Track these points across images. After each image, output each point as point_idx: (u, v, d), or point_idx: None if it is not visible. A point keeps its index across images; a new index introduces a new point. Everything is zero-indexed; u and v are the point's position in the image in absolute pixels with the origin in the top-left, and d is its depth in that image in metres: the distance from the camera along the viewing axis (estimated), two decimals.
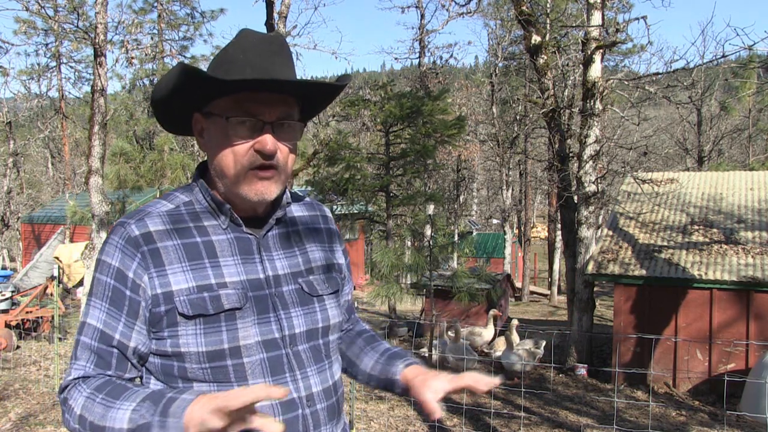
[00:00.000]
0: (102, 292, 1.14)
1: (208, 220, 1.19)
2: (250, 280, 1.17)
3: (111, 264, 1.14)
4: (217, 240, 1.17)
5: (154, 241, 1.13)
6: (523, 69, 22.38)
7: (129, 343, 1.13)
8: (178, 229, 1.16)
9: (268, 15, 9.70)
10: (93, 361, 1.12)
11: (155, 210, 1.18)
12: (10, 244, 22.92)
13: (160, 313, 1.12)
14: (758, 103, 26.26)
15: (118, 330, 1.12)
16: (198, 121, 1.19)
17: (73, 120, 24.03)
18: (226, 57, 1.13)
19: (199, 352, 1.11)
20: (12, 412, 6.54)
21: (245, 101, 1.11)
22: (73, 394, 1.10)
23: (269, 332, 1.16)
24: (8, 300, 9.95)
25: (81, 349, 1.13)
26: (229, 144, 1.12)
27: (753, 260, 8.37)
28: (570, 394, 8.09)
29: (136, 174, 10.50)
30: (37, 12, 9.25)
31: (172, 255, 1.13)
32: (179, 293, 1.12)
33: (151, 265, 1.12)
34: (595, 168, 9.67)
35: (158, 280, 1.12)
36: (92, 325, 1.13)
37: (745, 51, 9.13)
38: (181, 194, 1.23)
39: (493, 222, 34.74)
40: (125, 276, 1.12)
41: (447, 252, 9.59)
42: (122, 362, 1.13)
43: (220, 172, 1.16)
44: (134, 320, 1.13)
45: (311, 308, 1.23)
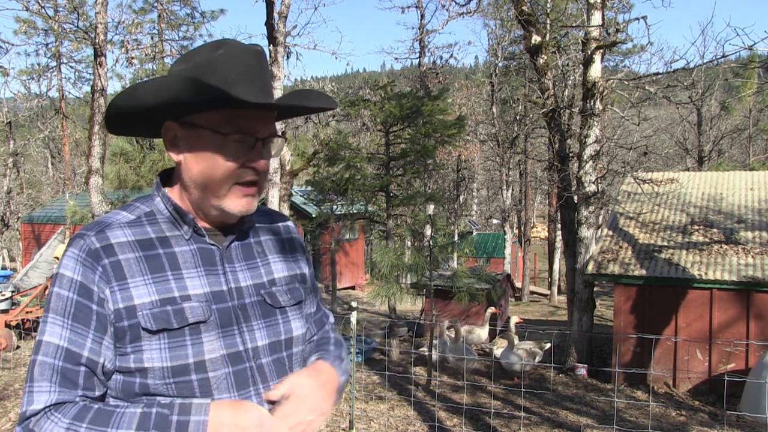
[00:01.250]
0: (63, 308, 1.06)
1: (171, 230, 1.16)
2: (214, 292, 1.14)
3: (72, 278, 1.07)
4: (179, 251, 1.14)
5: (115, 253, 1.09)
6: (523, 69, 22.38)
7: (99, 360, 1.06)
8: (139, 241, 1.12)
9: (268, 15, 9.70)
10: (57, 382, 1.03)
11: (115, 221, 1.14)
12: (10, 244, 22.92)
13: (124, 328, 1.07)
14: (758, 103, 26.28)
15: (86, 347, 1.05)
16: (172, 129, 1.14)
17: (73, 120, 24.04)
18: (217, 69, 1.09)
19: (163, 367, 1.07)
20: (12, 412, 6.54)
21: (239, 117, 1.09)
22: (45, 427, 1.00)
23: (233, 345, 1.13)
24: (8, 300, 9.95)
25: (40, 369, 1.04)
26: (222, 159, 1.10)
27: (753, 260, 8.37)
28: (570, 394, 8.09)
29: (136, 174, 10.50)
30: (38, 12, 9.25)
31: (134, 268, 1.09)
32: (142, 307, 1.08)
33: (112, 278, 1.07)
34: (595, 168, 9.67)
35: (120, 294, 1.07)
36: (53, 344, 1.05)
37: (745, 51, 9.14)
38: (142, 204, 1.19)
39: (493, 222, 34.74)
40: (89, 289, 1.07)
41: (447, 252, 9.58)
42: (90, 380, 1.06)
43: (202, 184, 1.13)
44: (102, 335, 1.07)
45: (274, 320, 1.20)
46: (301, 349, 1.28)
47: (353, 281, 21.20)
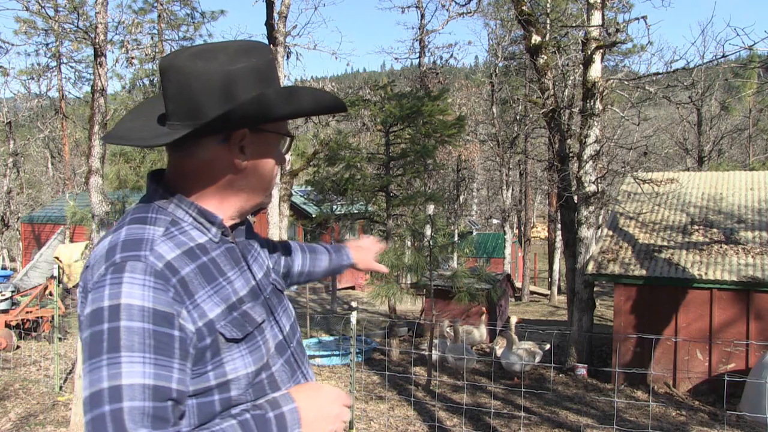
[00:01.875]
0: (140, 342, 0.92)
1: (200, 236, 1.10)
2: (251, 288, 1.15)
3: (142, 305, 0.94)
4: (216, 255, 1.11)
5: (177, 270, 1.01)
6: (523, 69, 22.39)
7: (185, 390, 0.97)
8: (185, 253, 1.05)
9: (268, 15, 9.71)
10: (150, 425, 0.90)
11: (151, 236, 1.04)
12: (10, 244, 22.91)
13: (206, 346, 1.01)
14: (758, 103, 26.29)
15: (174, 378, 0.94)
16: (242, 137, 1.10)
17: (73, 120, 24.04)
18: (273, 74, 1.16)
19: (248, 373, 1.06)
20: (12, 412, 6.54)
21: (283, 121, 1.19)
22: None
23: (276, 336, 1.17)
24: (8, 300, 9.95)
25: (130, 417, 0.88)
26: (279, 158, 1.19)
27: (753, 260, 8.37)
28: (570, 394, 8.09)
29: (135, 174, 10.50)
30: (38, 12, 9.25)
31: (195, 281, 1.03)
32: (217, 319, 1.03)
33: (185, 297, 0.99)
34: (595, 168, 9.67)
35: (196, 311, 1.00)
36: (137, 384, 0.90)
37: (745, 51, 9.13)
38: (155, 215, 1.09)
39: (493, 222, 34.74)
40: (167, 315, 0.96)
41: (447, 252, 9.58)
42: (179, 414, 0.96)
43: (260, 185, 1.17)
44: (185, 362, 0.97)
45: (285, 304, 1.26)
46: None
47: (353, 281, 21.21)
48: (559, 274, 20.56)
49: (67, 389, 7.26)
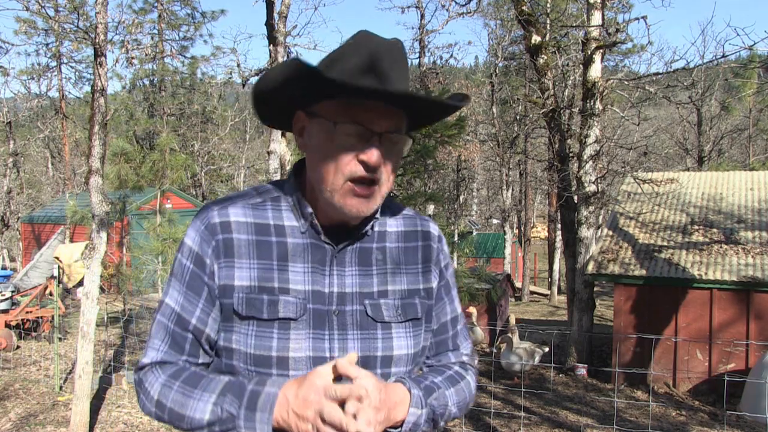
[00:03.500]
0: (181, 275, 1.13)
1: (290, 220, 1.14)
2: (314, 291, 1.11)
3: (191, 248, 1.12)
4: (292, 243, 1.12)
5: (230, 231, 1.11)
6: (523, 69, 22.39)
7: (204, 329, 1.12)
8: (257, 225, 1.13)
9: (268, 15, 9.70)
10: (167, 343, 1.12)
11: (241, 200, 1.15)
12: (10, 244, 22.91)
13: (224, 306, 1.11)
14: (758, 103, 26.28)
15: (195, 315, 1.11)
16: (300, 119, 1.13)
17: (73, 120, 24.02)
18: (341, 57, 1.06)
19: (247, 352, 1.09)
20: (12, 412, 6.54)
21: (355, 108, 1.04)
22: (149, 378, 1.11)
23: (320, 349, 1.09)
24: (8, 300, 9.95)
25: (157, 328, 1.14)
26: (334, 150, 1.06)
27: (753, 260, 8.37)
28: (570, 394, 8.09)
29: (136, 174, 10.48)
30: (38, 12, 9.25)
31: (243, 249, 1.10)
32: (239, 290, 1.09)
33: (221, 254, 1.10)
34: (595, 168, 9.67)
35: (225, 271, 1.10)
36: (170, 306, 1.13)
37: (745, 51, 9.15)
38: (273, 189, 1.19)
39: (493, 222, 34.73)
40: (203, 262, 1.11)
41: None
42: (195, 348, 1.13)
43: (318, 177, 1.09)
44: (211, 306, 1.12)
45: (371, 334, 1.12)
46: (409, 369, 1.18)
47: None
48: (559, 274, 20.56)
49: (67, 389, 7.26)
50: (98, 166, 5.62)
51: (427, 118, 1.20)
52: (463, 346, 1.31)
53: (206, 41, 51.65)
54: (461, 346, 1.30)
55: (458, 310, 1.31)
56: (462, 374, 1.25)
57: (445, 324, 1.27)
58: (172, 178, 11.24)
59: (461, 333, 1.31)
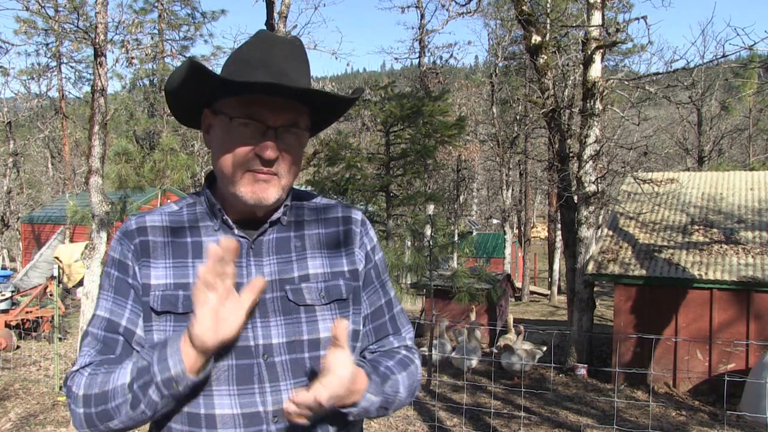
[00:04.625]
0: (108, 284, 1.16)
1: (204, 221, 1.18)
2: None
3: (113, 257, 1.17)
4: (206, 241, 1.15)
5: (146, 234, 1.16)
6: (523, 69, 22.39)
7: (136, 330, 1.13)
8: (172, 228, 1.17)
9: (268, 15, 9.70)
10: (97, 349, 1.12)
11: (159, 209, 1.21)
12: (10, 244, 22.92)
13: (146, 303, 1.13)
14: (758, 103, 26.28)
15: (125, 317, 1.13)
16: (207, 117, 1.18)
17: (73, 120, 24.02)
18: (240, 56, 1.13)
19: None
20: (12, 412, 6.54)
21: (251, 104, 1.08)
22: (76, 380, 1.10)
23: (243, 339, 1.09)
24: (8, 300, 9.95)
25: (88, 339, 1.14)
26: (231, 144, 1.10)
27: (753, 260, 8.37)
28: (570, 394, 8.09)
29: (137, 174, 10.48)
30: (38, 12, 9.26)
31: (159, 250, 1.15)
32: (156, 288, 1.12)
33: (140, 255, 1.14)
34: (595, 168, 9.67)
35: (143, 271, 1.14)
36: (99, 316, 1.15)
37: (745, 51, 9.14)
38: (190, 197, 1.24)
39: (493, 222, 34.73)
40: (126, 265, 1.15)
41: (447, 252, 9.58)
42: (127, 350, 1.12)
43: (219, 172, 1.14)
44: (138, 306, 1.13)
45: (295, 318, 1.13)
46: None
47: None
48: (559, 274, 20.56)
49: None
50: (98, 166, 5.62)
51: (331, 113, 1.23)
52: (404, 329, 1.30)
53: (206, 41, 51.70)
54: (402, 329, 1.30)
55: (391, 294, 1.30)
56: (411, 358, 1.25)
57: (380, 308, 1.27)
58: (173, 178, 11.24)
59: (399, 316, 1.30)
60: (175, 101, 1.20)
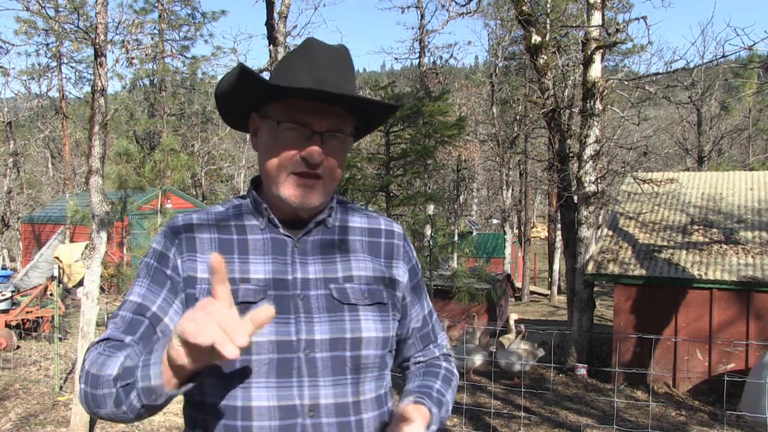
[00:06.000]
0: (146, 272, 1.19)
1: (250, 220, 1.22)
2: (276, 279, 1.15)
3: (155, 248, 1.20)
4: (252, 239, 1.19)
5: (192, 230, 1.20)
6: (523, 69, 22.39)
7: (163, 318, 1.14)
8: (219, 226, 1.21)
9: (268, 15, 9.70)
10: (121, 328, 1.13)
11: (206, 210, 1.26)
12: (10, 244, 22.92)
13: (190, 295, 1.15)
14: (758, 103, 26.27)
15: (156, 303, 1.15)
16: (254, 120, 1.23)
17: (74, 120, 24.02)
18: (287, 63, 1.17)
19: None
20: (12, 412, 6.54)
21: (297, 109, 1.13)
22: (89, 354, 1.10)
23: (285, 333, 1.12)
24: (8, 300, 9.95)
25: (115, 320, 1.15)
26: (277, 148, 1.15)
27: (753, 260, 8.37)
28: (570, 394, 8.10)
29: (137, 174, 10.48)
30: (38, 12, 9.27)
31: (206, 246, 1.18)
32: (201, 281, 1.15)
33: (184, 249, 1.17)
34: (595, 168, 9.67)
35: (188, 263, 1.16)
36: (131, 300, 1.16)
37: (745, 51, 9.14)
38: (236, 200, 1.28)
39: (493, 222, 34.73)
40: (166, 257, 1.18)
41: (447, 252, 9.59)
42: (149, 332, 1.13)
43: (265, 174, 1.19)
44: (174, 297, 1.16)
45: (339, 316, 1.16)
46: (379, 354, 1.20)
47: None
48: (559, 274, 20.56)
49: (67, 389, 7.27)
50: (98, 166, 5.62)
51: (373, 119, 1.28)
52: (440, 337, 1.41)
53: (207, 41, 51.64)
54: (438, 336, 1.41)
55: (430, 304, 1.41)
56: (451, 371, 1.36)
57: (425, 319, 1.36)
58: (174, 178, 11.25)
59: (436, 325, 1.41)
60: (224, 105, 1.24)
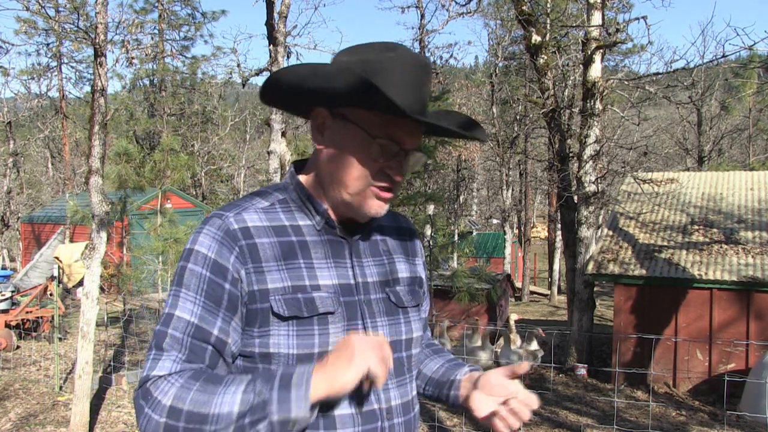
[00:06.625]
0: (196, 284, 1.06)
1: (303, 219, 1.16)
2: (342, 284, 1.14)
3: (207, 255, 1.07)
4: (311, 241, 1.14)
5: (252, 236, 1.10)
6: (523, 69, 22.39)
7: (227, 340, 1.07)
8: (274, 227, 1.13)
9: (268, 15, 9.69)
10: (185, 356, 1.04)
11: (251, 206, 1.14)
12: (10, 244, 22.92)
13: (256, 311, 1.08)
14: (758, 103, 26.27)
15: (217, 326, 1.06)
16: (321, 116, 1.14)
17: (74, 120, 24.02)
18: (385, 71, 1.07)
19: (289, 354, 1.07)
20: (12, 412, 6.54)
21: (393, 126, 1.09)
22: (161, 386, 1.00)
23: None
24: (8, 300, 9.95)
25: (170, 341, 1.04)
26: (364, 160, 1.10)
27: (753, 260, 8.37)
28: (570, 394, 8.09)
29: (137, 174, 10.47)
30: (38, 12, 9.26)
31: (269, 252, 1.10)
32: (275, 292, 1.08)
33: (249, 260, 1.08)
34: (595, 168, 9.67)
35: (255, 276, 1.08)
36: (184, 319, 1.05)
37: (745, 51, 9.15)
38: (276, 192, 1.20)
39: (493, 222, 34.72)
40: (223, 268, 1.07)
41: (447, 252, 9.59)
42: (215, 359, 1.07)
43: (338, 179, 1.13)
44: (233, 315, 1.07)
45: (396, 319, 1.20)
46: (418, 351, 1.28)
47: None
48: (559, 274, 20.56)
49: (67, 389, 7.26)
50: (98, 166, 5.62)
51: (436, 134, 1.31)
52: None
53: (207, 41, 51.65)
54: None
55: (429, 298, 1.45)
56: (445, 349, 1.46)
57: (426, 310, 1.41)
58: (174, 178, 11.24)
59: None
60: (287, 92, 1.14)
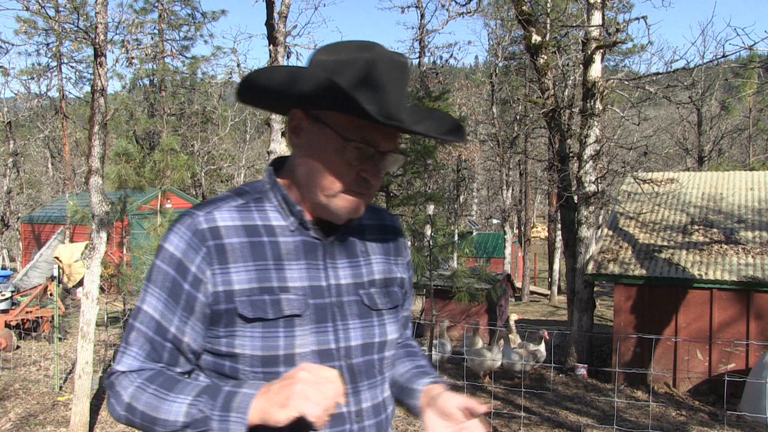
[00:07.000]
0: (161, 281, 1.11)
1: (277, 219, 1.15)
2: (313, 286, 1.13)
3: (173, 253, 1.10)
4: (284, 242, 1.13)
5: (221, 236, 1.10)
6: (523, 69, 22.40)
7: (183, 338, 1.11)
8: (246, 226, 1.12)
9: (268, 15, 9.69)
10: (145, 351, 1.11)
11: (225, 204, 1.14)
12: (10, 244, 22.93)
13: (220, 312, 1.09)
14: (758, 103, 26.28)
15: (174, 323, 1.10)
16: (298, 117, 1.13)
17: (74, 120, 24.03)
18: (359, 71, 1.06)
19: (253, 355, 1.08)
20: (12, 412, 6.54)
21: (368, 128, 1.07)
22: (122, 382, 1.10)
23: (325, 342, 1.13)
24: (8, 300, 9.96)
25: (136, 335, 1.12)
26: (339, 162, 1.08)
27: (753, 260, 8.37)
28: (570, 394, 8.09)
29: (137, 174, 10.48)
30: (38, 12, 9.25)
31: (238, 253, 1.09)
32: (241, 293, 1.08)
33: (215, 261, 1.08)
34: (595, 168, 9.67)
35: (221, 277, 1.08)
36: (148, 313, 1.11)
37: (745, 51, 9.15)
38: (252, 191, 1.19)
39: (493, 222, 34.72)
40: (187, 269, 1.09)
41: (447, 252, 9.57)
42: (175, 356, 1.12)
43: (313, 182, 1.11)
44: (189, 315, 1.10)
45: (369, 322, 1.18)
46: (393, 353, 1.27)
47: None
48: (559, 274, 20.57)
49: (67, 389, 7.26)
50: (98, 166, 5.62)
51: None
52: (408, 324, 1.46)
53: (207, 41, 51.66)
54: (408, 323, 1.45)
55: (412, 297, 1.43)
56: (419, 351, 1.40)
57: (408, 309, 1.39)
58: (173, 178, 11.25)
59: None
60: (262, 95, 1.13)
